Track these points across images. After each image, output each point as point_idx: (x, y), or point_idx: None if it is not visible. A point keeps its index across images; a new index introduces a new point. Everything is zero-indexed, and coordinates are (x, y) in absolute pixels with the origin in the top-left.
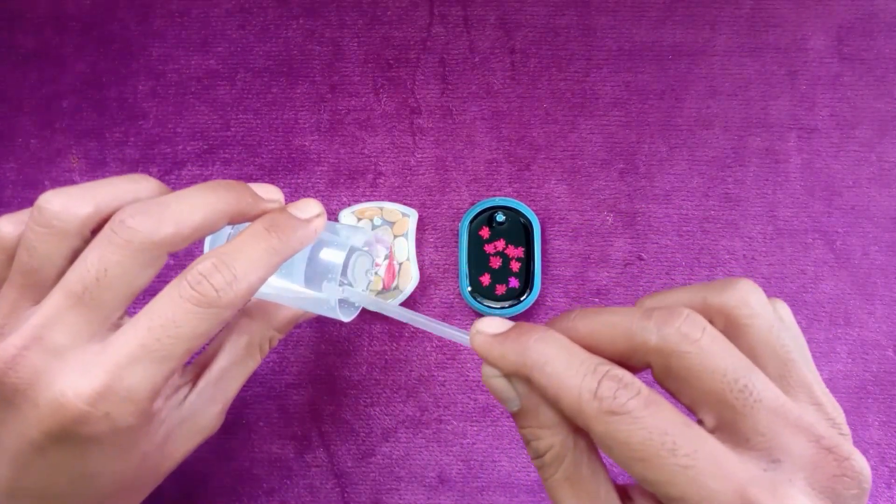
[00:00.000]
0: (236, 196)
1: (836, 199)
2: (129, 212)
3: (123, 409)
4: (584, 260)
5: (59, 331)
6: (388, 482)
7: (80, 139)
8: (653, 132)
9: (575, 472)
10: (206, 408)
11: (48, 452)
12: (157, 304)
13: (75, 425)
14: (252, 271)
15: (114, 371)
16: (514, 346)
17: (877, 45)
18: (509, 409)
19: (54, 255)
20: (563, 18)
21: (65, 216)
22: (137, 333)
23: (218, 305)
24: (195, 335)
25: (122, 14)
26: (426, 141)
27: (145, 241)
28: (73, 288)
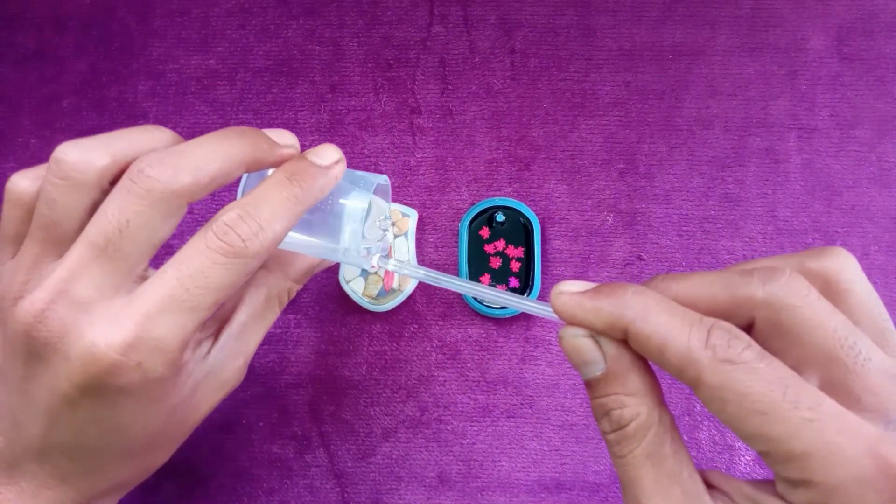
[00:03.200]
0: (252, 143)
1: (835, 199)
2: (146, 161)
3: (155, 359)
4: (584, 260)
5: (85, 283)
6: (388, 482)
7: None
8: (653, 132)
9: (658, 448)
10: (229, 361)
11: (80, 405)
12: (185, 255)
13: (108, 376)
14: (276, 220)
15: (144, 321)
16: (609, 299)
17: (877, 46)
18: (590, 374)
19: (74, 208)
20: (563, 18)
21: (82, 167)
22: (166, 284)
23: (245, 255)
24: (223, 285)
25: (121, 14)
26: (426, 141)
27: (165, 190)
28: (95, 240)
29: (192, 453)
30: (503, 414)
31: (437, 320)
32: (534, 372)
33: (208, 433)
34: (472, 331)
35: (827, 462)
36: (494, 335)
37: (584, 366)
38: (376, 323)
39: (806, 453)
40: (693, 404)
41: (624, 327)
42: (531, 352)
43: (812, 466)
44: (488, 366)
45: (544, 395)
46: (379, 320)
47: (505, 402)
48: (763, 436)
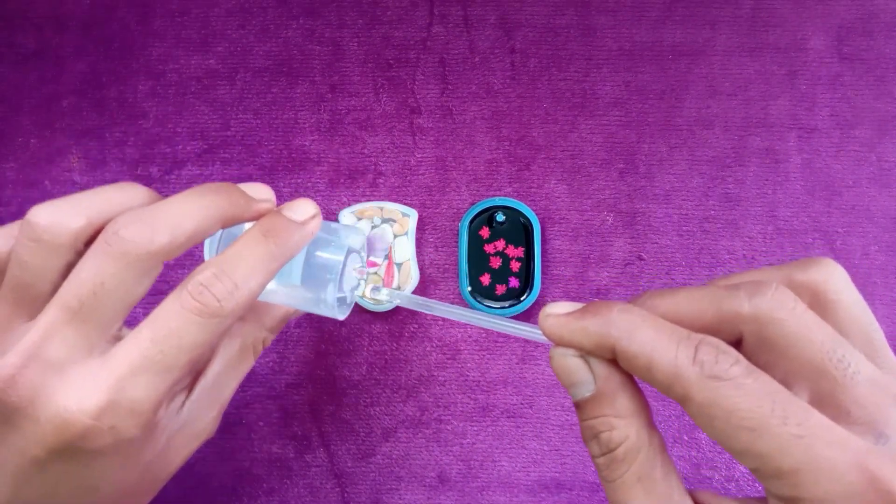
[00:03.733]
0: (228, 199)
1: (835, 198)
2: (122, 222)
3: (128, 422)
4: (584, 260)
5: (57, 346)
6: (388, 482)
7: (80, 139)
8: (653, 132)
9: (648, 471)
10: (203, 413)
11: (50, 467)
12: (159, 315)
13: (80, 440)
14: (252, 278)
15: (117, 384)
16: (594, 319)
17: (877, 45)
18: (580, 395)
19: (47, 270)
20: (562, 18)
21: (55, 230)
22: (140, 345)
23: (220, 315)
24: (197, 345)
25: (121, 14)
26: (426, 141)
27: (141, 251)
28: (69, 302)
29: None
30: (503, 414)
31: (437, 320)
32: (534, 372)
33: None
34: (472, 331)
35: (816, 477)
36: (494, 335)
37: (573, 386)
38: (376, 323)
39: (795, 469)
40: None
41: (611, 346)
42: (531, 352)
43: (801, 482)
44: (488, 366)
45: (544, 395)
46: (379, 320)
47: (505, 402)
48: (752, 452)
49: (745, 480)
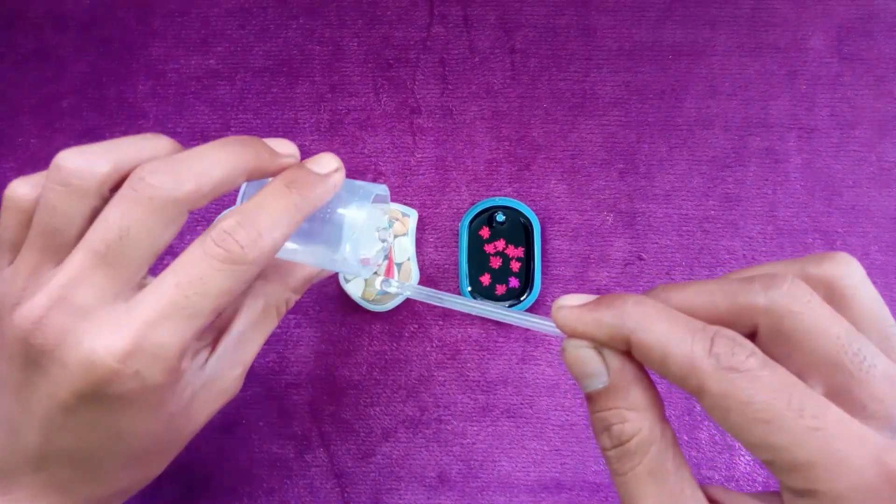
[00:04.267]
0: (254, 151)
1: (835, 198)
2: (148, 169)
3: (153, 367)
4: (583, 260)
5: (84, 290)
6: (388, 482)
7: (80, 139)
8: (653, 132)
9: (660, 465)
10: (227, 371)
11: (78, 413)
12: (183, 262)
13: (106, 384)
14: (275, 228)
15: (143, 328)
16: (608, 310)
17: (877, 46)
18: (591, 387)
19: (74, 215)
20: (562, 18)
21: (83, 174)
22: (165, 291)
23: (244, 262)
24: (222, 292)
25: (121, 14)
26: (426, 141)
27: (167, 198)
28: (96, 247)
29: (192, 453)
30: (503, 414)
31: (437, 320)
32: (534, 372)
33: (208, 433)
34: (472, 331)
35: (832, 471)
36: (494, 335)
37: (585, 378)
38: (376, 323)
39: (811, 462)
40: (693, 404)
41: (625, 337)
42: (531, 352)
43: (817, 476)
44: (488, 366)
45: (544, 395)
46: (379, 320)
47: (505, 402)
48: (767, 444)
49: (745, 480)
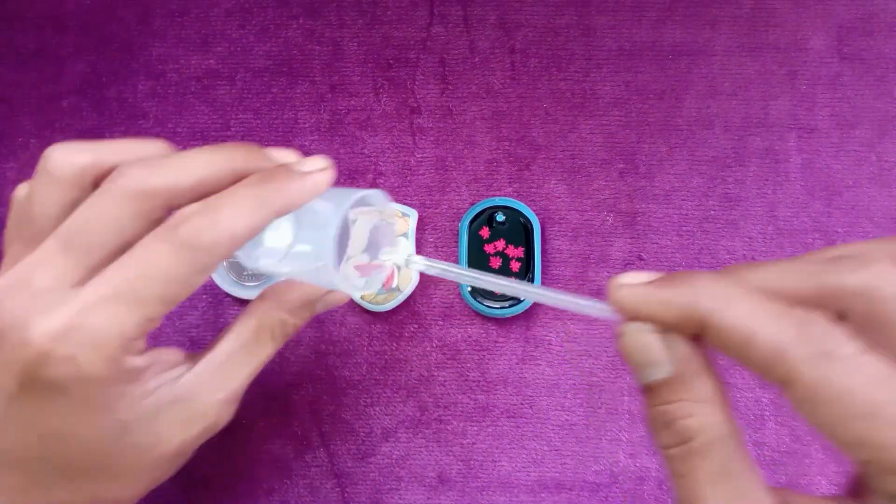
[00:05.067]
0: (244, 155)
1: (836, 198)
2: (128, 163)
3: (90, 354)
4: (584, 260)
5: (45, 273)
6: (388, 482)
7: (80, 139)
8: (653, 132)
9: (728, 464)
10: (206, 393)
11: (21, 404)
12: (137, 248)
13: (38, 366)
14: (237, 217)
15: (80, 311)
16: (680, 288)
17: (877, 45)
18: (651, 377)
19: (51, 204)
20: (562, 18)
21: (62, 164)
22: (111, 276)
23: (196, 246)
24: (170, 277)
25: (121, 13)
26: (426, 141)
27: (139, 188)
28: (62, 232)
29: (192, 453)
30: (503, 414)
31: (437, 320)
32: (534, 372)
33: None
34: (472, 331)
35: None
36: (494, 335)
37: (646, 367)
38: (376, 323)
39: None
40: None
41: (700, 319)
42: (531, 352)
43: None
44: (488, 366)
45: (544, 395)
46: (379, 320)
47: (505, 402)
48: (866, 442)
49: None
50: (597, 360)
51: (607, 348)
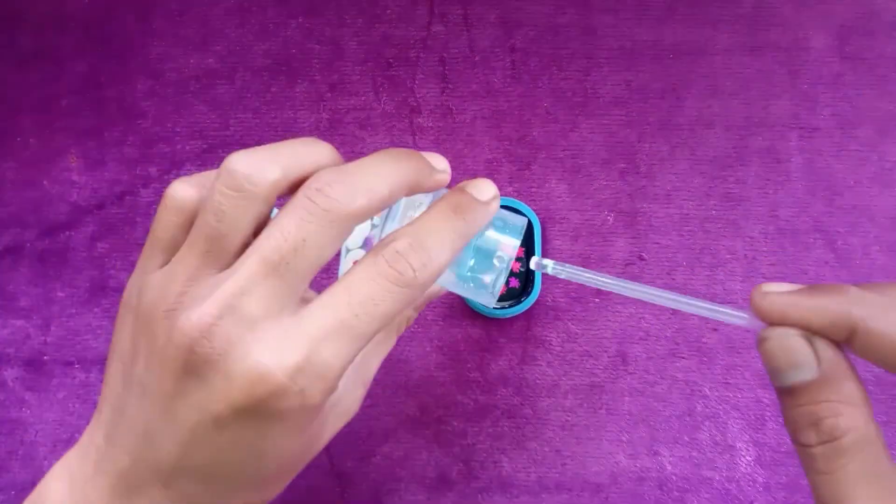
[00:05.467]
0: (416, 166)
1: (837, 198)
2: (325, 180)
3: (316, 386)
4: (584, 260)
5: (253, 301)
6: (388, 482)
7: (80, 138)
8: (654, 131)
9: (874, 465)
10: (351, 390)
11: (228, 428)
12: (355, 280)
13: (270, 399)
14: (442, 253)
15: (312, 345)
16: (832, 297)
17: (878, 45)
18: (796, 378)
19: (243, 221)
20: (563, 17)
21: (255, 179)
22: (337, 308)
23: (413, 286)
24: (389, 314)
25: (121, 13)
26: (426, 140)
27: (342, 211)
28: (269, 256)
29: None
30: (503, 414)
31: (437, 320)
32: (534, 372)
33: None
34: (473, 331)
35: None
36: (495, 335)
37: (791, 369)
38: None
39: None
40: (693, 405)
41: (851, 326)
42: (531, 352)
43: None
44: (488, 366)
45: (545, 396)
46: None
47: (505, 403)
48: None
49: (746, 481)
50: (597, 361)
51: (607, 349)
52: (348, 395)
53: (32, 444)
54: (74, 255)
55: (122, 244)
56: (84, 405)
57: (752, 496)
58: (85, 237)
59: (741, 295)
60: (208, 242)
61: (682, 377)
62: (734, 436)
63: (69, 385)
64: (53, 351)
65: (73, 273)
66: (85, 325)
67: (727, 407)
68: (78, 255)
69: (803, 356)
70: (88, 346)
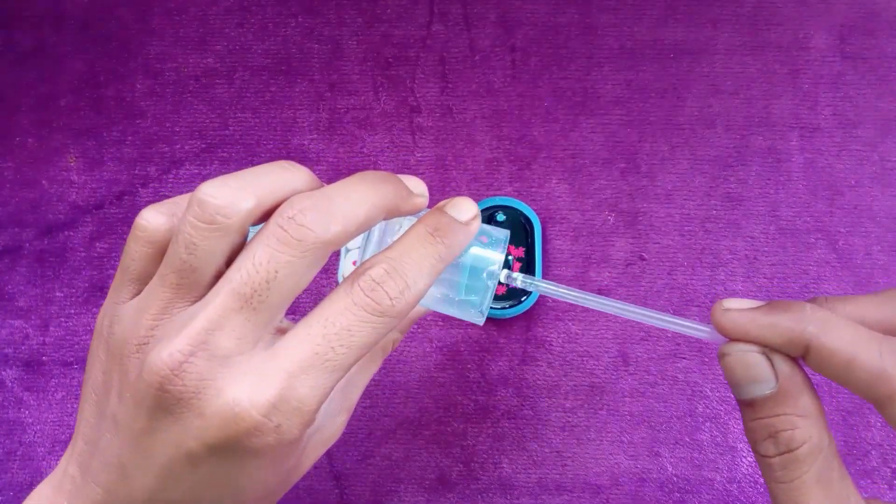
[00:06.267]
0: (393, 190)
1: (838, 198)
2: (297, 207)
3: (293, 421)
4: (585, 260)
5: (225, 336)
6: (387, 483)
7: (78, 138)
8: (654, 131)
9: (827, 473)
10: (333, 417)
11: (202, 464)
12: (330, 310)
13: (246, 437)
14: (420, 279)
15: (287, 380)
16: (787, 314)
17: (879, 44)
18: (756, 393)
19: (215, 254)
20: (563, 16)
21: (229, 211)
22: (312, 340)
23: (391, 314)
24: (366, 345)
25: (120, 12)
26: (426, 140)
27: (316, 240)
28: (240, 290)
29: None
30: (503, 415)
31: (437, 320)
32: (534, 373)
33: None
34: (473, 331)
35: None
36: (495, 336)
37: (750, 383)
38: None
39: None
40: (694, 405)
41: (805, 343)
42: (532, 353)
43: None
44: (488, 367)
45: (545, 397)
46: None
47: (505, 404)
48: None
49: (747, 482)
50: (598, 362)
51: (608, 349)
52: (330, 423)
53: (31, 445)
54: (73, 255)
55: (120, 244)
56: None
57: (754, 497)
58: (84, 237)
59: (742, 295)
60: (179, 275)
61: (682, 378)
62: (735, 437)
63: (68, 385)
64: (52, 351)
65: (71, 273)
66: (84, 325)
67: (728, 408)
68: (77, 255)
69: (762, 371)
70: (87, 347)
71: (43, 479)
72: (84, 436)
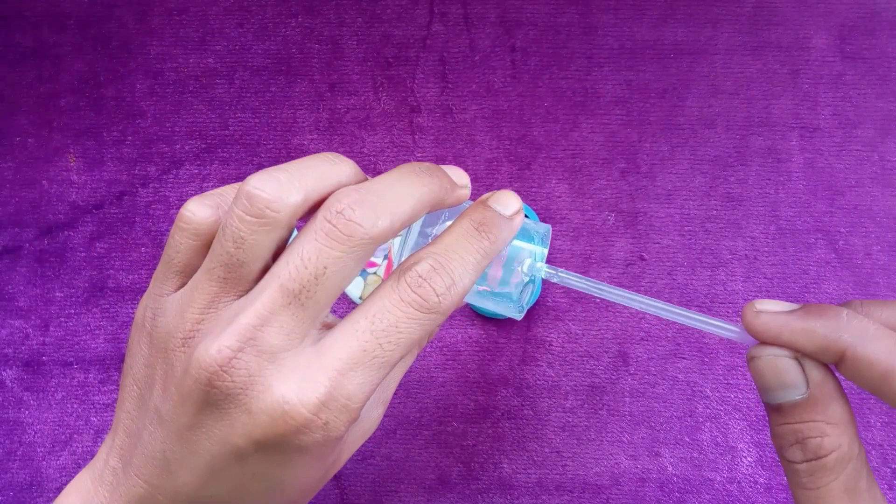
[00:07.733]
0: (438, 183)
1: (838, 198)
2: (345, 202)
3: (340, 418)
4: (585, 260)
5: (273, 331)
6: (387, 484)
7: (78, 138)
8: (654, 131)
9: (855, 482)
10: (371, 410)
11: (249, 461)
12: (377, 307)
13: (294, 434)
14: (466, 275)
15: (335, 378)
16: (823, 320)
17: (879, 44)
18: (785, 398)
19: (263, 248)
20: (563, 16)
21: (277, 206)
22: (360, 337)
23: (437, 311)
24: (412, 341)
25: (120, 12)
26: (426, 140)
27: (364, 236)
28: (288, 285)
29: None
30: (503, 415)
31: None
32: (534, 373)
33: None
34: (472, 331)
35: None
36: (495, 336)
37: (781, 389)
38: None
39: None
40: (694, 405)
41: (841, 352)
42: (532, 353)
43: None
44: (488, 367)
45: (545, 397)
46: None
47: (505, 404)
48: None
49: (747, 482)
50: (598, 362)
51: (608, 349)
52: (368, 416)
53: (31, 445)
54: (73, 256)
55: (120, 244)
56: (83, 406)
57: (754, 497)
58: (84, 237)
59: (742, 295)
60: (226, 269)
61: (682, 378)
62: (735, 437)
63: (68, 386)
64: (52, 351)
65: (71, 273)
66: (84, 325)
67: (728, 408)
68: (77, 255)
69: (792, 377)
70: (87, 347)
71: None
72: (126, 428)
